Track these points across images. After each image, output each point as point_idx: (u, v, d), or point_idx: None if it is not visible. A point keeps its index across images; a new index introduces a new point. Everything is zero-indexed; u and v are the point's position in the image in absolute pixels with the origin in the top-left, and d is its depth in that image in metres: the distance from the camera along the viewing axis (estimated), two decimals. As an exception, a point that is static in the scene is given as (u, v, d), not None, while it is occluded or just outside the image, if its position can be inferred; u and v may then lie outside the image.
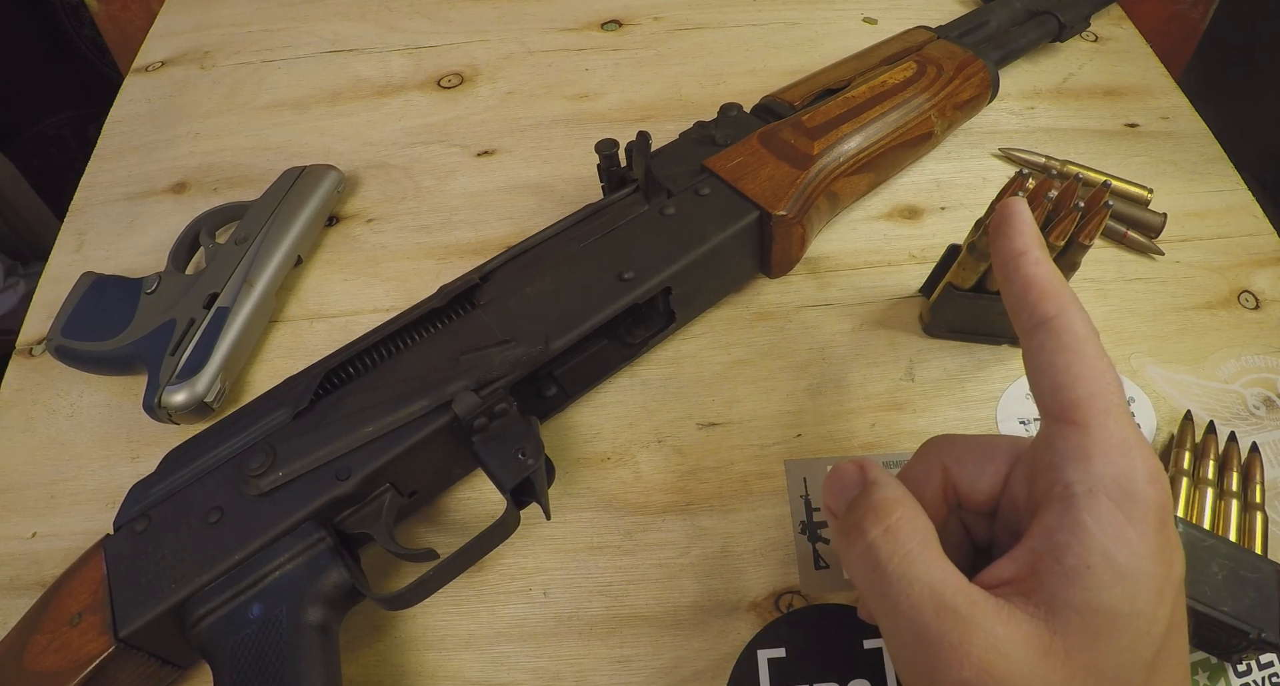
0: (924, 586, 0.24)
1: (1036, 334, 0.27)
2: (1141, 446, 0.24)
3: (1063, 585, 0.23)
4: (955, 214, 0.50)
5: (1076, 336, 0.26)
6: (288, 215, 0.48)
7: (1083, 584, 0.23)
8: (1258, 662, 0.36)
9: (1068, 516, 0.24)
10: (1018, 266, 0.28)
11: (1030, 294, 0.27)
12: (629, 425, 0.42)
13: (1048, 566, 0.23)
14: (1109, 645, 0.22)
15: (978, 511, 0.29)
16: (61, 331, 0.43)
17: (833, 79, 0.49)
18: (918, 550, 0.25)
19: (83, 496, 0.41)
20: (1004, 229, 0.30)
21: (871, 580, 0.25)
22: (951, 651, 0.23)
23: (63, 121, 1.05)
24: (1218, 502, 0.38)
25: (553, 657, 0.36)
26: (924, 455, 0.30)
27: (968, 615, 0.23)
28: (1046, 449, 0.25)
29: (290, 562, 0.33)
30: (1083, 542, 0.23)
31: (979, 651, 0.22)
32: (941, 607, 0.23)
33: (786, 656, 0.35)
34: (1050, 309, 0.27)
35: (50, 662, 0.31)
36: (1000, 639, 0.23)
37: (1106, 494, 0.23)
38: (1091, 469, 0.24)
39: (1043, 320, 0.27)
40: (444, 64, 0.61)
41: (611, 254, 0.41)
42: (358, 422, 0.35)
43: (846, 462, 0.29)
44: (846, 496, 0.28)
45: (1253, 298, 0.47)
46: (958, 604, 0.23)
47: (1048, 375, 0.26)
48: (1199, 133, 0.55)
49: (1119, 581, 0.23)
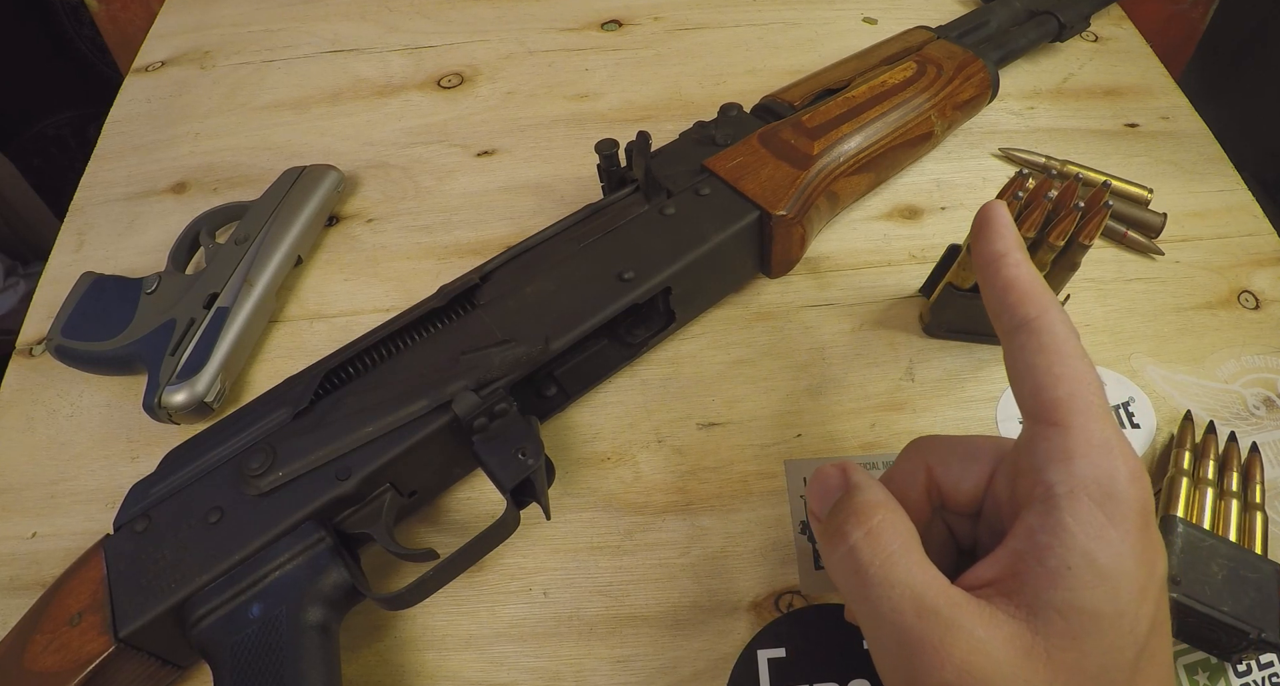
0: (905, 588, 0.24)
1: (1017, 335, 0.27)
2: (1123, 446, 0.24)
3: (1044, 586, 0.23)
4: (955, 214, 0.50)
5: (1057, 337, 0.26)
6: (288, 215, 0.48)
7: (1064, 584, 0.23)
8: (1258, 662, 0.36)
9: (1049, 517, 0.24)
10: (998, 268, 0.28)
11: (1010, 295, 0.28)
12: (629, 425, 0.42)
13: (1029, 567, 0.23)
14: (1092, 645, 0.22)
15: (962, 512, 0.29)
16: (61, 331, 0.43)
17: (833, 79, 0.49)
18: (899, 552, 0.25)
19: (83, 496, 0.41)
20: (984, 231, 0.30)
21: (853, 583, 0.25)
22: (933, 653, 0.23)
23: (63, 121, 1.05)
24: (1218, 502, 0.38)
25: (553, 657, 0.36)
26: (908, 456, 0.30)
27: (949, 617, 0.23)
28: (1028, 450, 0.25)
29: (290, 562, 0.33)
30: (1064, 543, 0.23)
31: (960, 653, 0.23)
32: (922, 609, 0.23)
33: (786, 656, 0.35)
34: (1030, 310, 0.27)
35: (50, 662, 0.31)
36: (982, 640, 0.23)
37: (1088, 494, 0.23)
38: (1073, 469, 0.24)
39: (1023, 322, 0.27)
40: (444, 64, 0.61)
41: (611, 254, 0.41)
42: (358, 422, 0.35)
43: (828, 466, 0.29)
44: (829, 500, 0.28)
45: (1253, 298, 0.47)
46: (939, 605, 0.23)
47: (1028, 376, 0.26)
48: (1199, 133, 0.55)
49: (1101, 582, 0.23)
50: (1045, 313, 0.27)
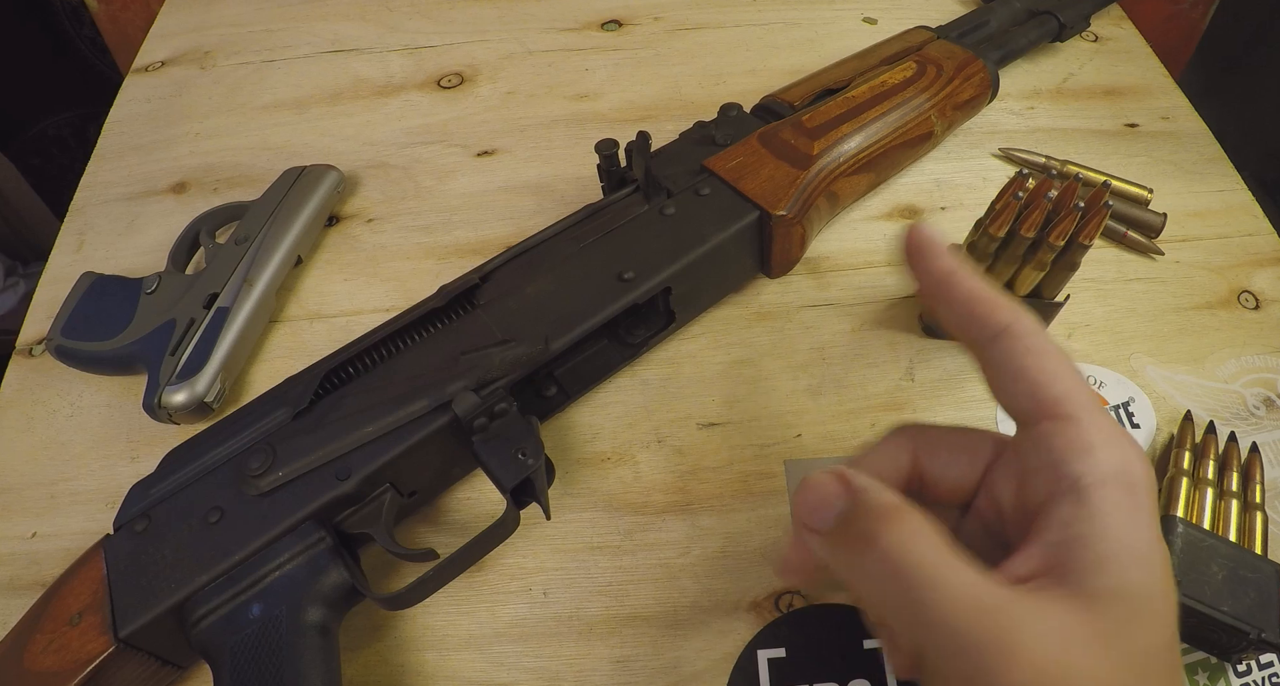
0: (958, 589, 0.22)
1: (999, 343, 0.27)
2: (1125, 433, 0.25)
3: (1092, 574, 0.23)
4: (955, 214, 0.50)
5: (1039, 338, 0.26)
6: (288, 215, 0.48)
7: (1111, 570, 0.23)
8: (1258, 662, 0.36)
9: (1083, 508, 0.24)
10: (953, 284, 0.28)
11: (979, 307, 0.27)
12: (629, 425, 0.42)
13: (1073, 558, 0.23)
14: (1142, 627, 0.23)
15: (940, 502, 0.29)
16: (61, 331, 0.43)
17: (833, 79, 0.49)
18: (943, 551, 0.23)
19: (83, 496, 0.41)
20: (923, 252, 0.29)
21: (892, 589, 0.23)
22: (1000, 654, 0.22)
23: (63, 121, 1.05)
24: (1218, 502, 0.38)
25: (553, 657, 0.36)
26: (894, 440, 0.30)
27: (1011, 614, 0.22)
28: (1041, 447, 0.25)
29: (290, 562, 0.33)
30: (1104, 531, 0.23)
31: (1029, 651, 0.22)
32: (982, 609, 0.22)
33: (786, 656, 0.35)
34: (1004, 317, 0.27)
35: (50, 662, 0.31)
36: (1046, 635, 0.22)
37: (1114, 483, 0.24)
38: (1096, 459, 0.24)
39: (1001, 328, 0.27)
40: (444, 64, 0.61)
41: (611, 254, 0.41)
42: (358, 423, 0.35)
43: (818, 475, 0.26)
44: (828, 510, 0.26)
45: (1253, 298, 0.47)
46: (999, 604, 0.22)
47: (1022, 378, 0.26)
48: (1199, 133, 0.55)
49: (1141, 565, 0.23)
50: (1019, 317, 0.27)
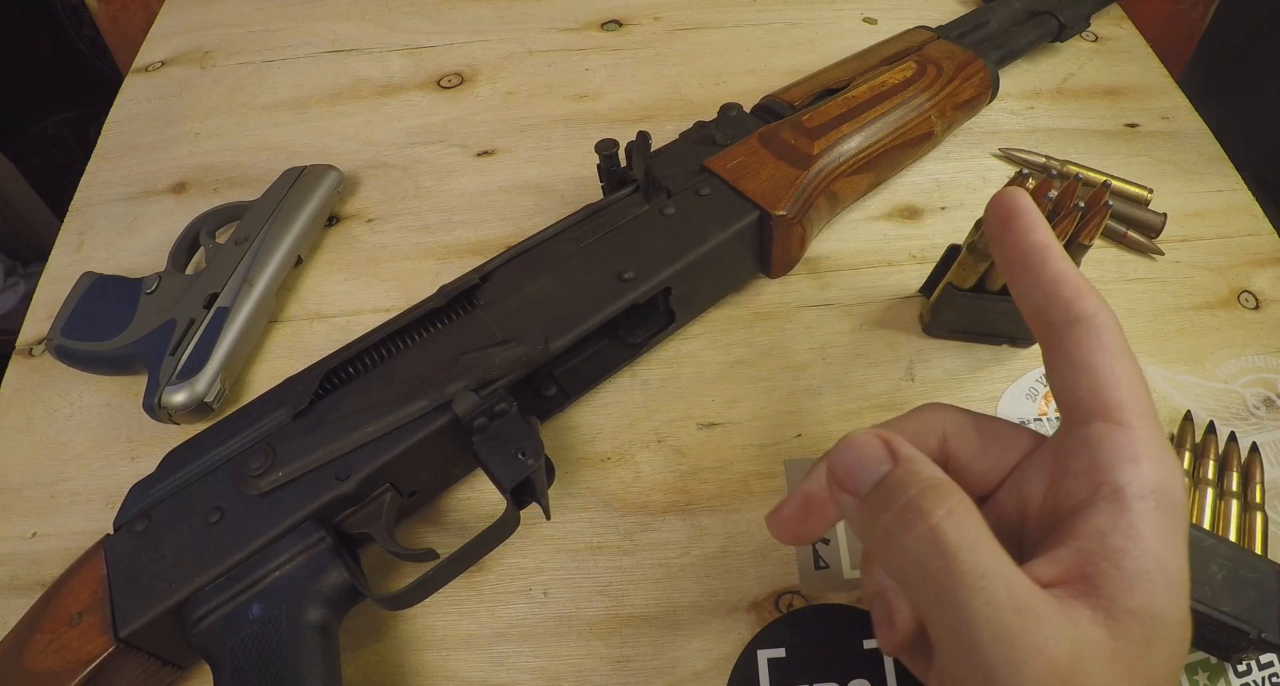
0: (1000, 580, 0.21)
1: (1074, 330, 0.26)
2: (1172, 452, 0.24)
3: (1122, 590, 0.22)
4: (955, 214, 0.50)
5: (1116, 337, 0.25)
6: (288, 215, 0.48)
7: (1142, 590, 0.22)
8: (1258, 662, 0.36)
9: (1122, 519, 0.23)
10: (1045, 260, 0.27)
11: (1065, 289, 0.26)
12: (629, 425, 0.42)
13: (1103, 570, 0.23)
14: (1161, 652, 0.22)
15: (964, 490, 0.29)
16: (61, 331, 0.43)
17: (833, 79, 0.49)
18: (990, 539, 0.22)
19: (83, 496, 0.41)
20: (1017, 221, 0.28)
21: (935, 569, 0.22)
22: (1028, 654, 0.21)
23: (63, 121, 1.05)
24: (1218, 503, 0.38)
25: (553, 657, 0.36)
26: (924, 418, 0.29)
27: (1044, 614, 0.21)
28: (1087, 449, 0.25)
29: (290, 562, 0.33)
30: (1140, 548, 0.23)
31: (1061, 655, 0.21)
32: (1020, 605, 0.21)
33: (786, 656, 0.35)
34: (1088, 306, 0.26)
35: (50, 662, 0.31)
36: (1071, 644, 0.21)
37: (1155, 499, 0.23)
38: (1142, 472, 0.23)
39: (1080, 317, 0.26)
40: (444, 64, 0.61)
41: (611, 254, 0.41)
42: (358, 423, 0.35)
43: (860, 434, 0.25)
44: (868, 473, 0.24)
45: (1253, 298, 0.47)
46: (1034, 601, 0.21)
47: (1086, 374, 0.25)
48: (1199, 133, 0.55)
49: (1171, 588, 0.22)
50: (1103, 309, 0.26)
